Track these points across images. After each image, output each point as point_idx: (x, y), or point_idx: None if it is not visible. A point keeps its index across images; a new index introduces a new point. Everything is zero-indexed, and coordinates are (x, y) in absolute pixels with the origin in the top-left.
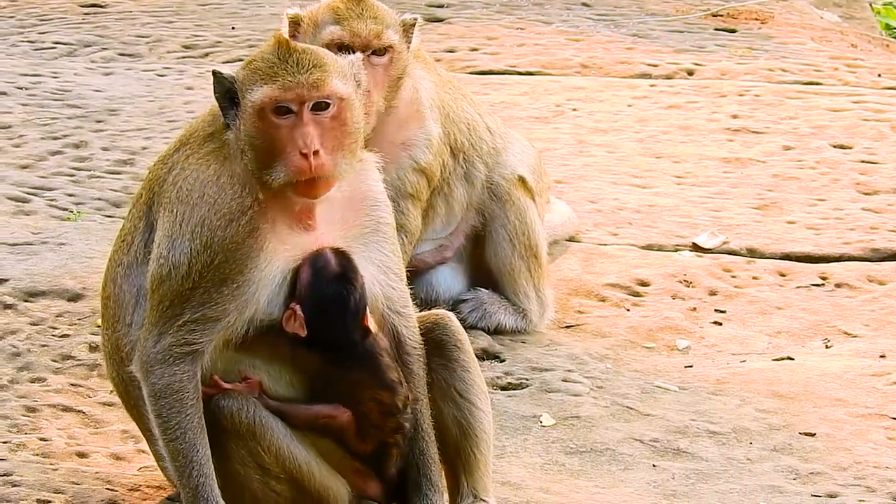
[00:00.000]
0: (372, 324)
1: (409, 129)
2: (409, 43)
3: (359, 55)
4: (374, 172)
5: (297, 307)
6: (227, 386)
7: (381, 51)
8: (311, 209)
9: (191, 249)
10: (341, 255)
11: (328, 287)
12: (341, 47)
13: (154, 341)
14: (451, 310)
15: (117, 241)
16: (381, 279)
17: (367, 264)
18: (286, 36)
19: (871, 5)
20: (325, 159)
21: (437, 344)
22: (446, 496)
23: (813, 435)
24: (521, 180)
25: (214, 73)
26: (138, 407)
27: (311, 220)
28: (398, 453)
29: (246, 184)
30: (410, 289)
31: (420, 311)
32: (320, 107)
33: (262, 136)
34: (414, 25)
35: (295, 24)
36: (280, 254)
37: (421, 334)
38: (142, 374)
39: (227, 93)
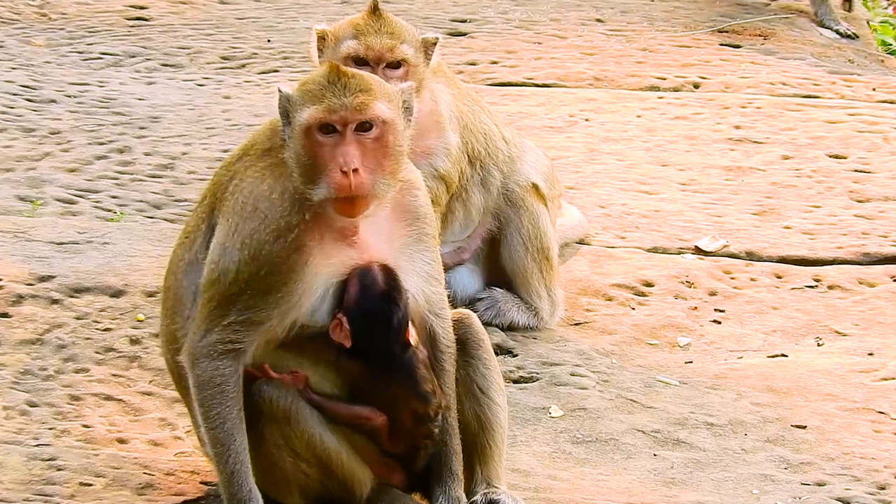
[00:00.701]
0: (413, 337)
1: (429, 138)
2: (429, 59)
3: (411, 84)
4: (419, 188)
5: (344, 319)
6: (274, 375)
7: (395, 64)
8: (356, 225)
9: (239, 259)
10: (388, 272)
11: (374, 304)
12: (357, 60)
13: (201, 336)
14: (467, 308)
15: (181, 237)
16: (423, 286)
17: (412, 274)
18: (314, 49)
19: (868, 23)
20: (364, 177)
21: (460, 342)
22: (463, 484)
23: (804, 427)
24: (535, 187)
25: (279, 89)
26: (188, 391)
27: (356, 235)
28: (426, 455)
29: (296, 201)
30: None
31: None
32: (363, 128)
33: (308, 153)
34: (435, 44)
35: (321, 38)
36: (324, 268)
37: None
38: (188, 366)
39: (285, 109)
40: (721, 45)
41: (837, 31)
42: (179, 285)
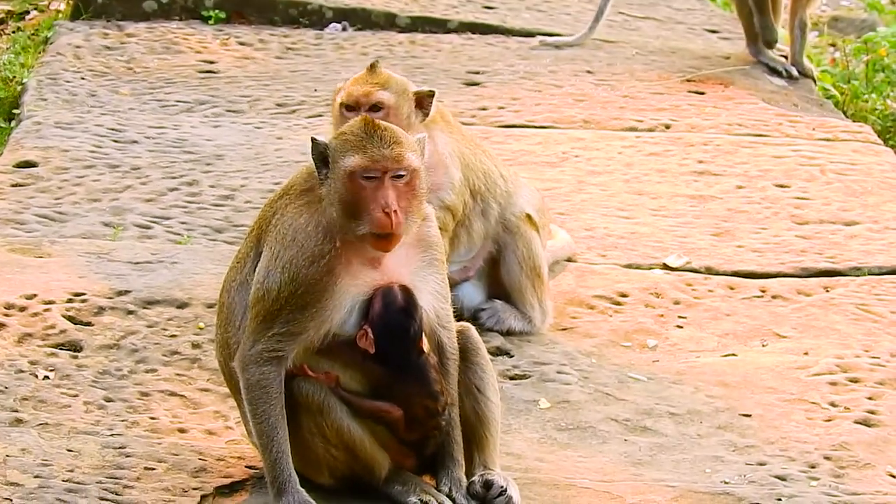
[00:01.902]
0: (426, 345)
1: (436, 175)
2: (426, 108)
3: (424, 134)
4: (432, 221)
5: (369, 330)
6: (311, 374)
7: (374, 108)
8: (382, 253)
9: (280, 281)
10: (406, 291)
11: (394, 318)
12: (347, 107)
13: (249, 346)
14: (472, 317)
15: (233, 261)
16: (434, 303)
17: (425, 293)
18: (337, 99)
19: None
20: (401, 217)
21: (461, 349)
22: (464, 468)
23: (749, 416)
24: (528, 217)
25: (312, 139)
26: (239, 391)
27: (380, 261)
28: (435, 443)
29: (328, 232)
30: None
31: None
32: (398, 175)
33: (350, 194)
34: (431, 96)
35: (336, 92)
36: (351, 288)
37: None
38: (239, 370)
39: (321, 155)
40: (689, 92)
41: (801, 72)
42: (232, 302)
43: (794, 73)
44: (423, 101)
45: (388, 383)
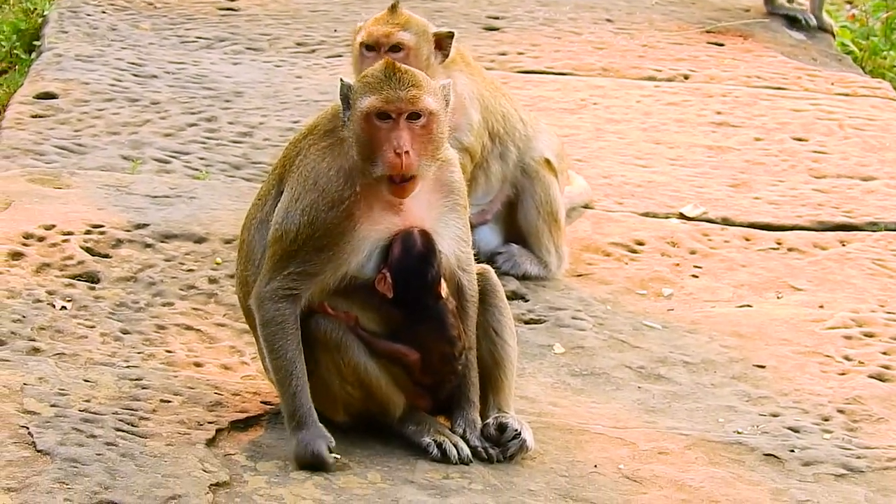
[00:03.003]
0: (444, 290)
1: (455, 117)
2: (445, 49)
3: (449, 80)
4: (455, 166)
5: (388, 273)
6: (331, 312)
7: (394, 48)
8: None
9: (299, 223)
10: (426, 236)
11: (413, 262)
12: (367, 46)
13: (265, 283)
14: (489, 260)
15: (255, 199)
16: (454, 247)
17: (445, 238)
18: (357, 39)
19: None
20: (413, 159)
21: (480, 292)
22: (478, 410)
23: (763, 367)
24: (547, 162)
25: (341, 80)
26: (256, 327)
27: (401, 206)
28: (450, 386)
29: (349, 177)
30: None
31: None
32: (414, 117)
33: (366, 134)
34: (451, 37)
35: (356, 32)
36: (370, 233)
37: None
38: (255, 307)
39: (345, 97)
40: (708, 43)
41: (821, 26)
42: (252, 239)
43: (813, 21)
44: (442, 42)
45: (405, 327)
